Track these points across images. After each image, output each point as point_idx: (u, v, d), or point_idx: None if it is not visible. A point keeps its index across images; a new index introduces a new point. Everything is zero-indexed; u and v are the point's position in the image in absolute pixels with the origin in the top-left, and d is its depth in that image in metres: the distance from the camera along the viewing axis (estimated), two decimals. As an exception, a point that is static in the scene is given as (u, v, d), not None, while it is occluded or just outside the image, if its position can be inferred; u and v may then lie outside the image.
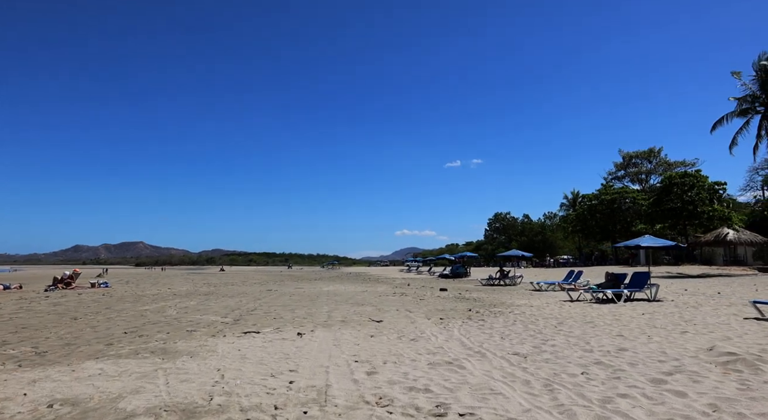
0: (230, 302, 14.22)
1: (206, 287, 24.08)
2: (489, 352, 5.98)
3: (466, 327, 8.73)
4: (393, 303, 14.21)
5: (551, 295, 17.44)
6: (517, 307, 12.84)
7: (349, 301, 14.97)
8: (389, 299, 15.79)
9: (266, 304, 13.72)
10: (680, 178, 46.93)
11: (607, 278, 16.09)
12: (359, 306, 13.18)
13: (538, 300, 15.17)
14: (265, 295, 17.32)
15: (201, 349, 6.09)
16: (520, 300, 15.30)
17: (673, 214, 46.27)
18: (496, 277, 26.50)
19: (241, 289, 21.73)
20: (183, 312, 11.05)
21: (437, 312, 11.52)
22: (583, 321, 9.56)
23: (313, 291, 20.44)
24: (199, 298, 15.74)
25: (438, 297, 17.08)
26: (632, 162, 66.93)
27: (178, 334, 7.52)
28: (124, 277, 42.65)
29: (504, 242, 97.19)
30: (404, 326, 8.74)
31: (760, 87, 34.74)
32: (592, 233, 61.46)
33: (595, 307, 12.30)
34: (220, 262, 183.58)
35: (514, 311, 11.59)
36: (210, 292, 19.23)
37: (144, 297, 16.50)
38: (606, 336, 7.46)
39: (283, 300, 15.19)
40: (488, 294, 18.43)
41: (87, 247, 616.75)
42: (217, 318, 9.78)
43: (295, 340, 6.94)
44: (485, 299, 15.72)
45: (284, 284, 27.70)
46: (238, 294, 18.28)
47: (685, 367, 5.08)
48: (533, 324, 9.14)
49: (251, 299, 15.52)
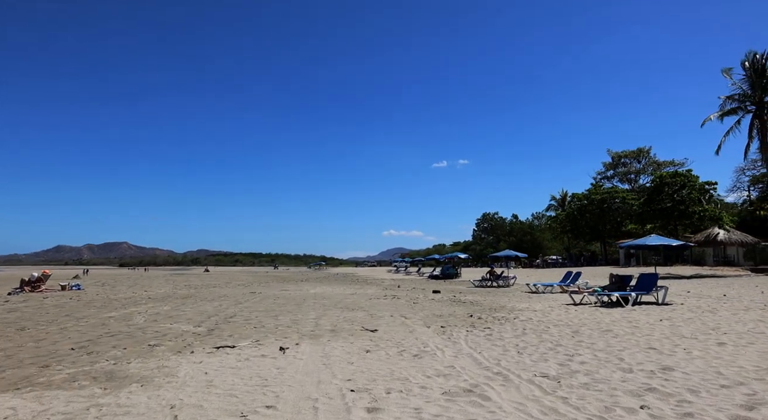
0: (208, 307, 13.02)
1: (186, 289, 22.77)
2: (512, 374, 4.94)
3: (472, 337, 7.69)
4: (386, 307, 13.14)
5: (550, 297, 16.53)
6: (520, 311, 11.86)
7: (338, 305, 13.87)
8: (381, 303, 14.72)
9: (247, 309, 12.55)
10: (671, 177, 46.59)
11: (612, 280, 15.21)
12: (349, 311, 12.08)
13: (539, 303, 14.23)
14: (247, 299, 16.13)
15: (158, 372, 4.93)
16: (520, 303, 14.34)
17: (664, 214, 45.90)
18: (489, 278, 25.58)
19: (222, 292, 20.48)
20: (152, 320, 9.84)
21: (436, 318, 10.48)
22: (599, 329, 8.59)
23: (299, 294, 19.28)
24: (175, 303, 14.50)
25: (432, 300, 16.06)
26: (621, 162, 66.78)
27: (137, 349, 6.35)
28: (103, 278, 40.95)
29: (492, 242, 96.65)
30: (403, 337, 7.68)
31: (751, 86, 34.43)
32: (581, 233, 61.05)
33: (605, 312, 11.37)
34: (206, 263, 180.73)
35: (519, 317, 10.60)
36: (188, 296, 17.97)
37: (115, 301, 15.21)
38: (636, 349, 6.48)
39: (266, 304, 14.03)
40: (484, 296, 17.46)
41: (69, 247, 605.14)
42: (189, 327, 8.60)
43: (276, 358, 5.83)
44: (483, 303, 14.73)
45: (269, 286, 26.46)
46: (219, 297, 17.06)
47: (761, 396, 4.10)
48: (546, 333, 8.15)
49: (232, 303, 14.33)
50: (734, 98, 35.34)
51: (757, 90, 33.96)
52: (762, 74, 33.85)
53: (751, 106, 34.99)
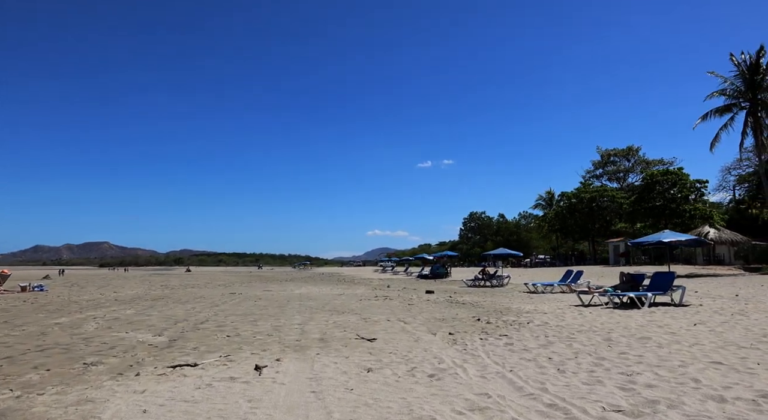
0: (179, 310, 11.50)
1: (160, 290, 21.12)
2: (573, 408, 3.61)
3: (491, 347, 6.37)
4: (379, 310, 11.77)
5: (553, 298, 15.36)
6: (529, 314, 10.59)
7: (326, 307, 12.45)
8: (373, 305, 13.35)
9: (223, 312, 11.07)
10: (662, 175, 46.01)
11: (623, 279, 14.04)
12: (339, 314, 10.68)
13: (545, 304, 13.01)
14: (225, 301, 14.62)
15: (74, 412, 3.45)
16: (524, 304, 13.10)
17: (655, 212, 45.33)
18: (482, 277, 24.41)
19: (200, 293, 18.91)
20: (106, 327, 8.31)
21: (439, 323, 9.15)
22: (633, 335, 7.35)
23: (283, 294, 17.81)
24: (142, 305, 12.94)
25: (428, 301, 14.76)
26: (610, 160, 66.30)
27: (64, 371, 4.84)
28: (76, 279, 38.81)
29: (479, 242, 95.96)
30: (408, 348, 6.33)
31: (744, 82, 34.01)
32: (570, 232, 60.35)
33: (624, 315, 10.18)
34: (188, 263, 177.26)
35: (533, 321, 9.33)
36: (161, 297, 16.37)
37: (74, 304, 13.58)
38: (700, 364, 5.22)
39: (245, 306, 12.56)
40: (483, 297, 16.21)
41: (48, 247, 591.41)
42: (148, 337, 7.12)
43: (249, 382, 4.41)
44: (484, 304, 13.46)
45: (251, 286, 24.90)
46: (194, 298, 15.52)
47: None
48: (575, 342, 6.87)
49: (207, 306, 12.82)
50: (727, 95, 34.91)
51: (750, 87, 33.53)
52: (755, 71, 33.47)
53: (744, 102, 34.58)
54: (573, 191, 60.32)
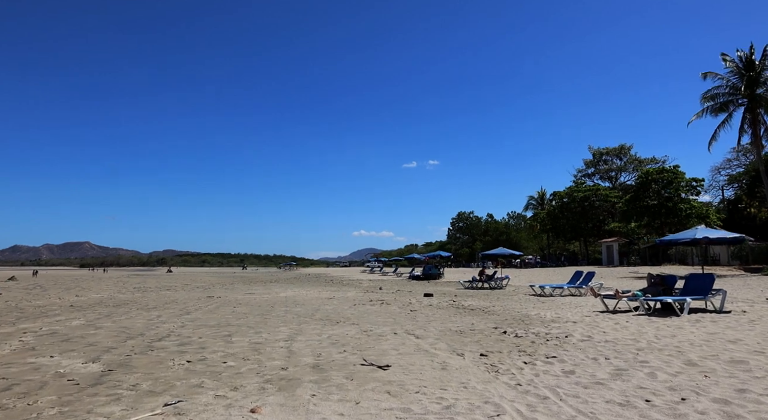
0: (139, 321, 9.55)
1: (131, 293, 19.04)
2: None
3: (551, 380, 4.63)
4: (380, 318, 9.97)
5: (567, 302, 13.80)
6: (557, 324, 8.91)
7: (317, 314, 10.61)
8: (370, 311, 11.55)
9: (193, 323, 9.16)
10: (657, 174, 44.95)
11: (651, 281, 12.41)
12: (334, 325, 8.86)
13: (566, 311, 11.38)
14: (199, 306, 12.67)
15: None
16: (543, 311, 11.45)
17: (651, 211, 44.25)
18: (481, 279, 22.81)
19: (173, 296, 16.90)
20: (28, 348, 6.30)
21: (458, 337, 7.40)
22: (714, 357, 5.69)
23: (267, 298, 15.91)
24: (98, 313, 10.95)
25: (430, 306, 13.04)
26: (602, 159, 65.36)
27: None
28: (47, 280, 36.24)
29: (468, 242, 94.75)
30: (438, 381, 4.55)
31: (740, 79, 33.17)
32: (562, 232, 59.15)
33: (669, 324, 8.59)
34: (172, 264, 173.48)
35: (571, 334, 7.64)
36: (126, 302, 14.35)
37: (16, 312, 11.51)
38: None
39: (221, 315, 10.66)
40: (489, 301, 14.55)
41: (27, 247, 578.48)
42: (76, 364, 5.19)
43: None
44: (497, 310, 11.77)
45: (233, 288, 22.90)
46: (165, 304, 13.54)
47: None
48: (651, 367, 5.18)
49: (175, 314, 10.88)
50: (723, 93, 34.08)
51: (748, 84, 32.68)
52: (750, 68, 32.65)
53: (742, 99, 33.73)
54: (565, 190, 59.19)
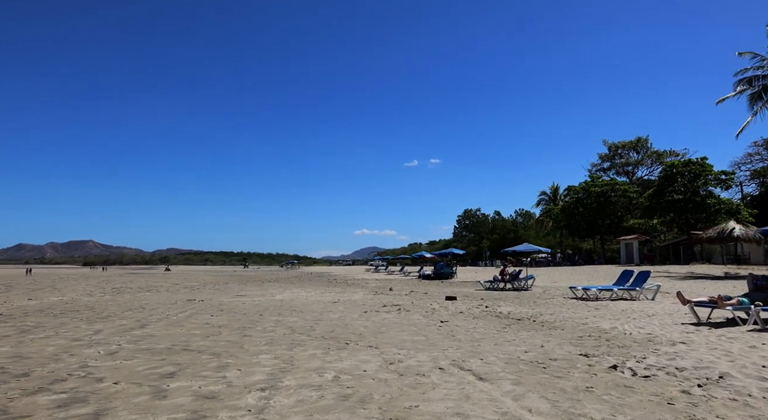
0: (56, 341, 6.78)
1: (100, 296, 16.32)
2: None
3: None
4: (404, 334, 7.19)
5: (625, 308, 11.07)
6: (668, 349, 6.12)
7: (317, 328, 7.83)
8: (388, 321, 8.77)
9: (134, 344, 6.41)
10: (683, 166, 41.85)
11: (755, 284, 9.51)
12: (342, 349, 6.08)
13: (646, 322, 8.60)
14: (166, 315, 9.89)
15: None
16: (616, 322, 8.69)
17: (677, 206, 41.22)
18: (503, 279, 20.17)
19: (147, 300, 14.16)
20: None
21: (542, 375, 4.62)
22: None
23: (259, 302, 13.14)
24: (19, 326, 8.22)
25: (461, 314, 10.30)
26: (618, 152, 62.26)
27: None
28: (35, 278, 33.69)
29: (474, 240, 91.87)
30: None
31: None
32: (577, 229, 56.04)
33: None
34: (174, 262, 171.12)
35: (709, 368, 4.87)
36: (80, 308, 11.61)
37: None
38: None
39: (186, 329, 7.88)
40: (530, 307, 11.78)
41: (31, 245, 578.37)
42: None
43: None
44: (551, 320, 9.00)
45: (224, 289, 20.15)
46: (126, 311, 10.78)
47: None
48: None
49: (125, 327, 8.12)
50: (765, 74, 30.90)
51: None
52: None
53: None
54: (580, 185, 56.12)
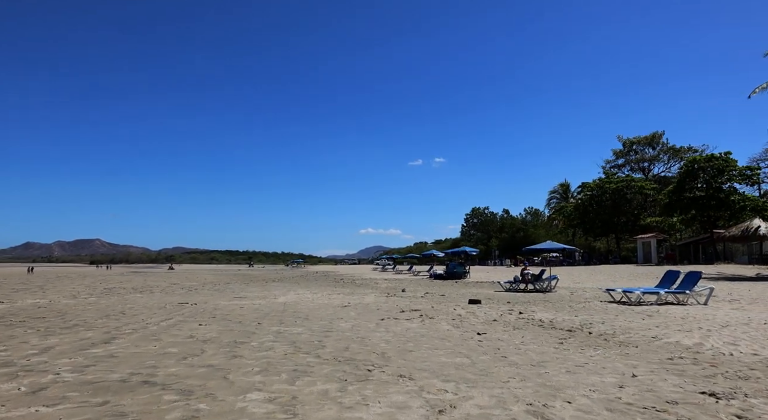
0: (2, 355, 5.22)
1: (85, 297, 14.77)
2: None
3: None
4: (440, 355, 5.52)
5: (684, 315, 9.41)
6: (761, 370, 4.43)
7: (327, 343, 6.20)
8: (413, 333, 7.11)
9: (80, 373, 4.78)
10: (706, 161, 39.89)
11: None
12: (363, 380, 4.40)
13: (740, 338, 6.93)
14: (146, 324, 8.26)
15: None
16: (697, 336, 7.02)
17: (699, 203, 39.29)
18: (525, 280, 18.62)
19: (135, 303, 12.58)
20: None
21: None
22: None
23: (259, 305, 11.52)
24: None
25: (495, 322, 8.67)
26: (633, 148, 60.28)
27: None
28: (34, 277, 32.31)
29: (482, 239, 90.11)
30: None
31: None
32: (592, 227, 54.17)
33: None
34: (180, 261, 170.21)
35: None
36: (49, 314, 10.01)
37: None
38: None
39: (164, 343, 6.26)
40: (569, 313, 10.10)
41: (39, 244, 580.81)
42: None
43: None
44: (610, 331, 7.34)
45: (224, 290, 18.57)
46: (102, 317, 9.19)
47: None
48: None
49: (89, 342, 6.51)
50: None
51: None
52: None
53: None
54: (595, 182, 54.26)
